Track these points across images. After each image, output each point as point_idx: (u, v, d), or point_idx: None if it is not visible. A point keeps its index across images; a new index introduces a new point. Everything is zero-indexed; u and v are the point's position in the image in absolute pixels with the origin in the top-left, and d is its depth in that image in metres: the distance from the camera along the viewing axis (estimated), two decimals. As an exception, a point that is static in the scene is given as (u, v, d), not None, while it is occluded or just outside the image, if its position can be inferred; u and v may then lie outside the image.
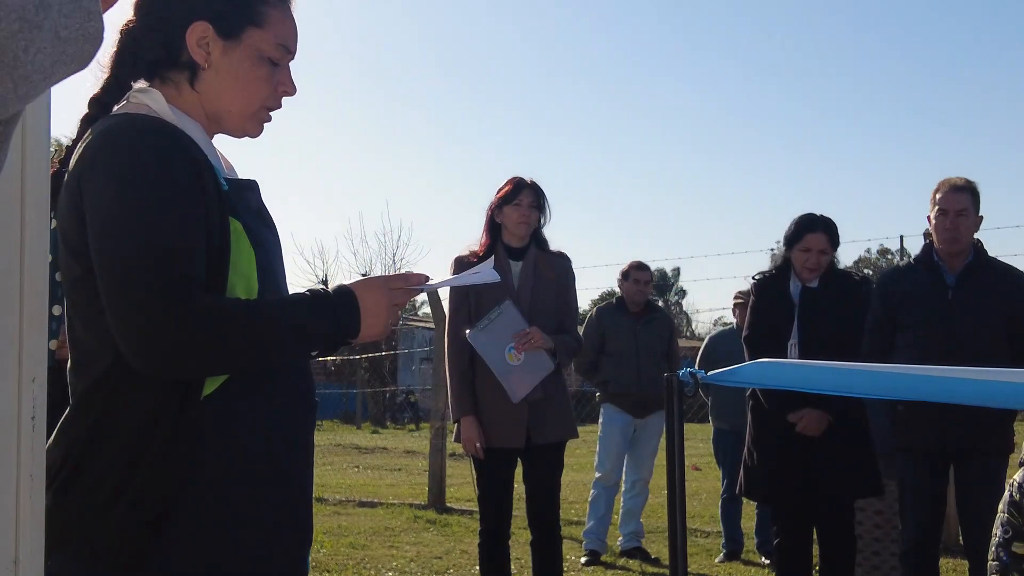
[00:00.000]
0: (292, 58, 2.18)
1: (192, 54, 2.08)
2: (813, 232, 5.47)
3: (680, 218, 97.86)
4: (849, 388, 2.63)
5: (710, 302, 69.80)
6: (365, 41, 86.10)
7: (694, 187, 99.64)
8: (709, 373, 2.55)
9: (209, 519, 1.96)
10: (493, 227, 5.41)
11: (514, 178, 5.40)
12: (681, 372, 2.52)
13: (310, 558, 2.24)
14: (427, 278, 2.18)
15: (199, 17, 2.08)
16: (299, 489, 2.14)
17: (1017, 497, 3.34)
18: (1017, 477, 3.39)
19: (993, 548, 3.36)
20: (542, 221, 5.43)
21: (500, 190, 5.39)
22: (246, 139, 2.21)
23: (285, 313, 2.01)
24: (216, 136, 2.19)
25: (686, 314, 64.17)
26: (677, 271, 65.01)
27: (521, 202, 5.32)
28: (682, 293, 65.82)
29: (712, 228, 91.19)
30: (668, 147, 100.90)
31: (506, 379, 5.20)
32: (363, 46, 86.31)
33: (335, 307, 2.05)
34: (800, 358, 5.24)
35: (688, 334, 53.31)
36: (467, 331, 5.28)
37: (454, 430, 5.46)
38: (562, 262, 5.51)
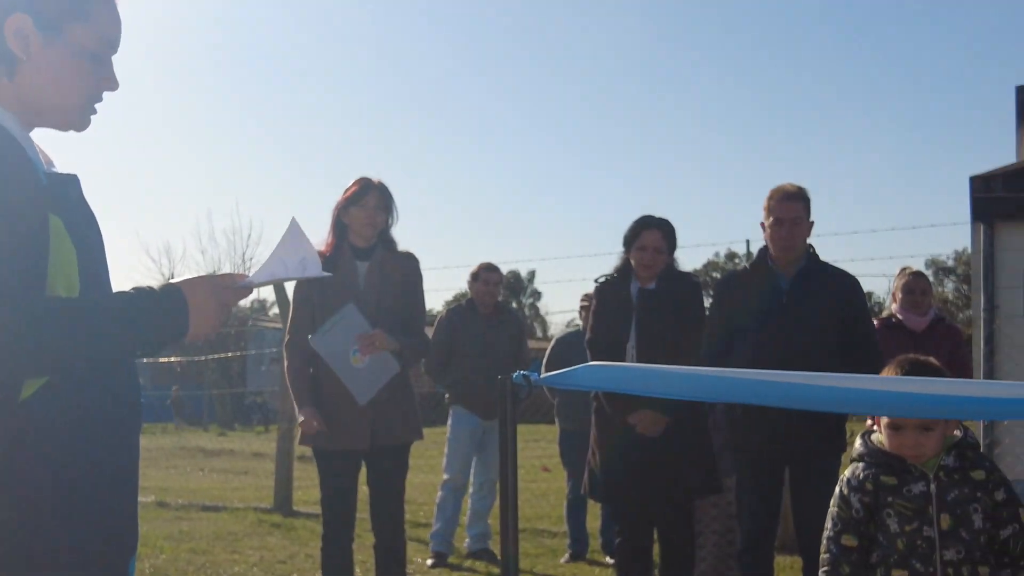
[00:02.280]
0: (115, 53, 2.15)
1: (10, 45, 2.03)
2: (649, 230, 5.56)
3: (537, 220, 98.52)
4: (680, 391, 2.66)
5: (567, 304, 70.56)
6: (213, 34, 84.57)
7: (553, 189, 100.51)
8: (542, 376, 2.56)
9: (25, 522, 1.90)
10: (339, 227, 5.35)
11: (361, 179, 5.35)
12: (515, 374, 2.52)
13: (148, 564, 2.18)
14: (247, 278, 2.16)
15: (19, 9, 2.03)
16: (121, 494, 2.09)
17: (846, 492, 3.44)
18: (847, 473, 3.50)
19: (824, 541, 3.46)
20: (389, 222, 5.40)
21: (347, 190, 5.34)
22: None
23: (109, 311, 1.96)
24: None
25: (541, 316, 64.73)
26: (533, 273, 65.53)
27: (367, 203, 5.27)
28: (538, 295, 66.39)
29: (569, 230, 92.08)
30: (527, 148, 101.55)
31: (351, 382, 5.16)
32: (211, 39, 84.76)
33: (162, 304, 2.01)
34: (638, 360, 5.33)
35: (541, 336, 53.76)
36: (310, 336, 5.23)
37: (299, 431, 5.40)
38: (409, 263, 5.45)
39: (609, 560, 7.90)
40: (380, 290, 5.29)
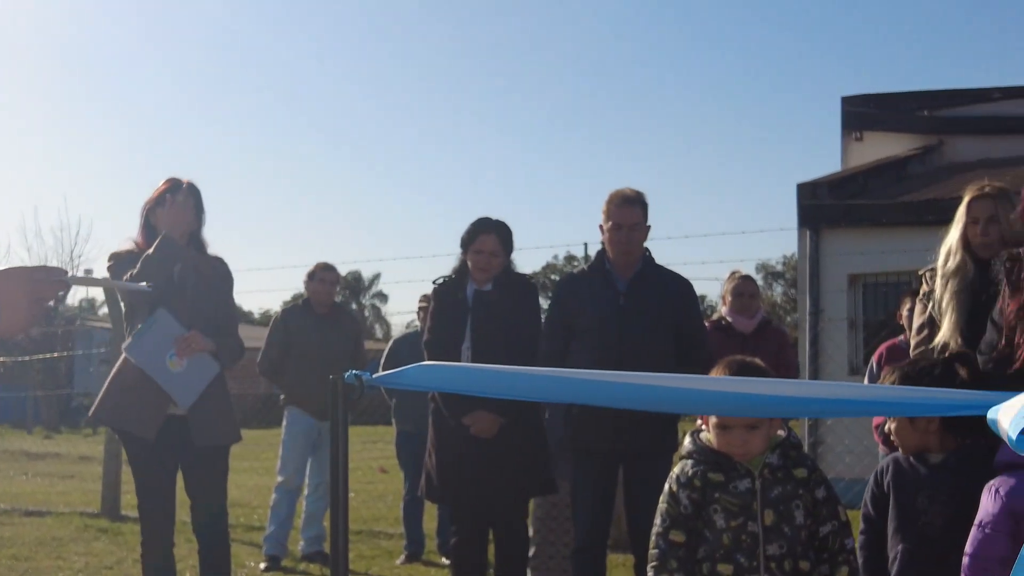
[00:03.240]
0: None
1: None
2: (485, 234, 5.58)
3: (381, 221, 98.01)
4: (511, 391, 2.67)
5: (411, 305, 70.15)
6: (43, 30, 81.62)
7: (398, 189, 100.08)
8: (374, 376, 2.53)
9: None
10: (148, 228, 5.26)
11: (170, 179, 5.31)
12: (347, 374, 2.50)
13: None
14: (66, 272, 2.07)
15: None
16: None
17: (675, 488, 3.51)
18: (676, 470, 3.57)
19: (653, 537, 3.52)
20: (199, 222, 5.33)
21: (156, 190, 5.27)
22: None
23: None
24: None
25: (384, 318, 64.27)
26: (377, 276, 65.01)
27: (176, 201, 5.22)
28: (382, 297, 65.81)
29: (414, 231, 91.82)
30: (372, 149, 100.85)
31: (172, 387, 5.06)
32: (41, 35, 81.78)
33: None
34: (473, 361, 5.34)
35: (381, 337, 53.45)
36: (123, 345, 5.13)
37: None
38: (220, 266, 5.44)
39: (445, 561, 7.89)
40: (194, 291, 5.21)
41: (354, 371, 2.51)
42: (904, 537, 3.57)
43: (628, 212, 5.38)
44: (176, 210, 5.20)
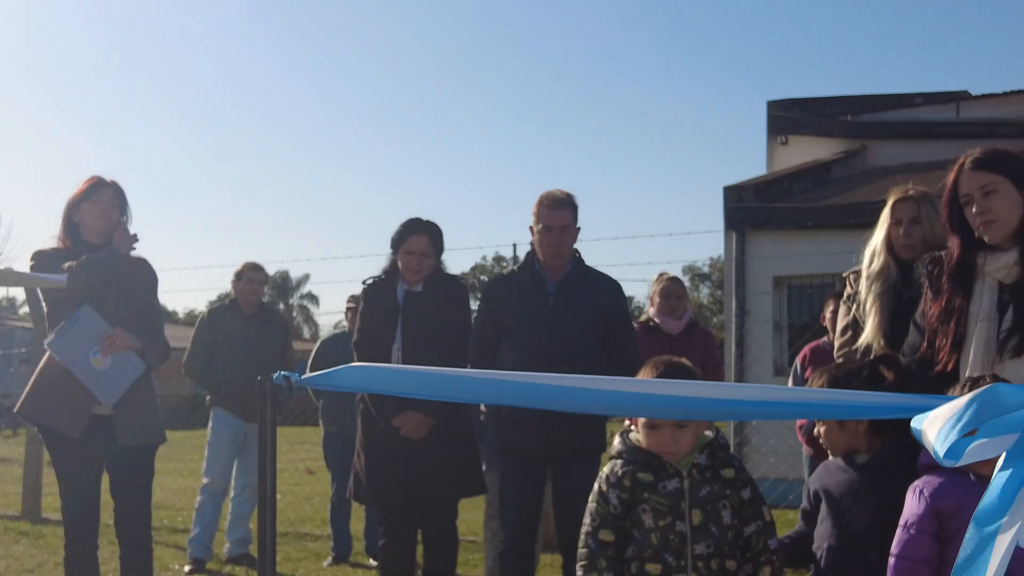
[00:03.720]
0: None
1: None
2: (416, 235, 5.56)
3: (311, 220, 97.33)
4: (441, 392, 2.66)
5: (340, 305, 69.65)
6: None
7: (328, 188, 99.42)
8: (302, 377, 2.52)
9: None
10: (71, 226, 5.22)
11: (94, 176, 5.28)
12: (275, 375, 2.47)
13: None
14: None
15: None
16: None
17: (605, 488, 3.53)
18: (605, 469, 3.58)
19: (583, 536, 3.53)
20: (124, 220, 5.27)
21: (79, 188, 5.23)
22: None
23: None
24: None
25: (313, 319, 63.77)
26: (307, 276, 64.46)
27: (100, 199, 5.18)
28: (312, 298, 65.26)
29: (344, 231, 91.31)
30: (304, 149, 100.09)
31: (95, 385, 4.99)
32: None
33: None
34: (403, 362, 5.32)
35: (309, 338, 53.07)
36: (45, 341, 5.06)
37: None
38: (144, 265, 5.41)
39: (372, 562, 7.87)
40: (119, 291, 5.16)
41: (282, 372, 2.49)
42: (829, 535, 3.62)
43: (559, 215, 5.38)
44: (100, 209, 5.15)
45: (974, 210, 3.52)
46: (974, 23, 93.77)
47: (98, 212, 5.15)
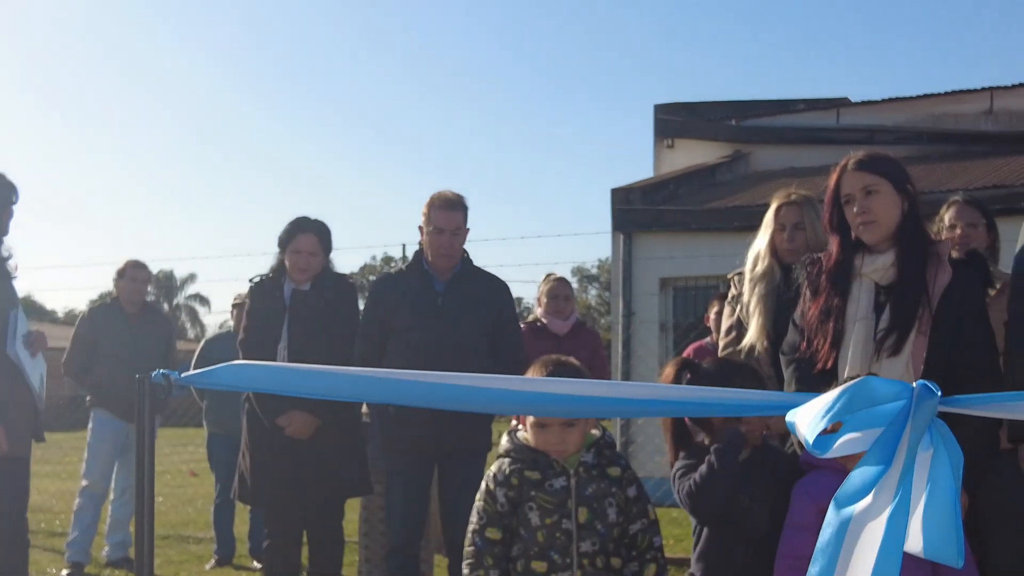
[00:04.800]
0: None
1: None
2: (304, 234, 5.51)
3: (197, 218, 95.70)
4: (326, 391, 2.64)
5: (226, 304, 68.43)
6: None
7: (215, 184, 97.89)
8: (183, 375, 2.47)
9: None
10: None
11: None
12: (155, 373, 2.42)
13: None
14: None
15: None
16: None
17: (492, 486, 3.53)
18: (493, 468, 3.59)
19: (469, 535, 3.54)
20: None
21: None
22: None
23: None
24: None
25: (200, 320, 62.64)
26: (193, 275, 63.25)
27: None
28: (201, 299, 64.01)
29: (234, 229, 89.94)
30: (193, 143, 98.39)
31: (38, 382, 4.92)
32: None
33: None
34: (289, 361, 5.27)
35: (193, 337, 52.20)
36: (7, 348, 4.96)
37: None
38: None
39: (256, 564, 7.78)
40: (9, 288, 5.07)
41: (162, 371, 2.44)
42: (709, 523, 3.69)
43: (451, 216, 5.36)
44: None
45: (855, 210, 3.61)
46: (854, 32, 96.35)
47: None
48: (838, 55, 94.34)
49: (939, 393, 2.03)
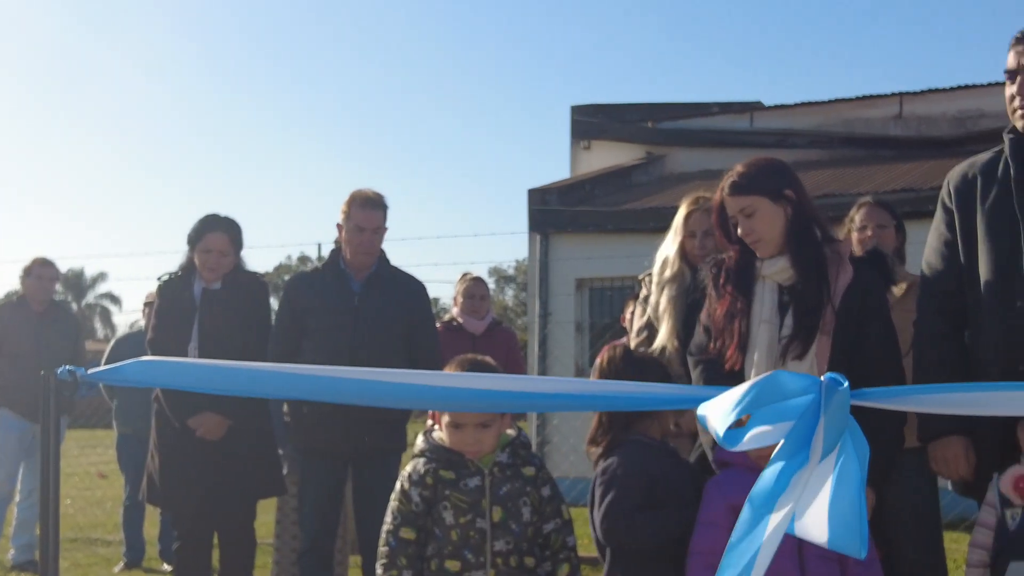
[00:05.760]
0: None
1: None
2: (213, 232, 5.44)
3: (106, 215, 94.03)
4: (237, 387, 2.60)
5: (137, 304, 67.21)
6: None
7: (125, 181, 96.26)
8: (90, 371, 2.42)
9: None
10: None
11: None
12: (60, 370, 2.37)
13: None
14: None
15: None
16: None
17: (407, 486, 3.52)
18: (408, 468, 3.58)
19: (383, 535, 3.52)
20: None
21: None
22: None
23: None
24: None
25: (111, 318, 61.56)
26: (103, 274, 62.10)
27: None
28: (112, 298, 62.87)
29: (148, 226, 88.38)
30: (103, 138, 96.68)
31: None
32: None
33: None
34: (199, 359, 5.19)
35: (102, 337, 51.33)
36: None
37: None
38: None
39: (167, 567, 7.68)
40: None
41: (67, 367, 2.38)
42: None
43: (371, 215, 5.32)
44: None
45: (741, 232, 3.68)
46: (768, 37, 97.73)
47: None
48: (752, 60, 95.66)
49: (846, 384, 2.06)
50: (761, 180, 3.68)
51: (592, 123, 16.83)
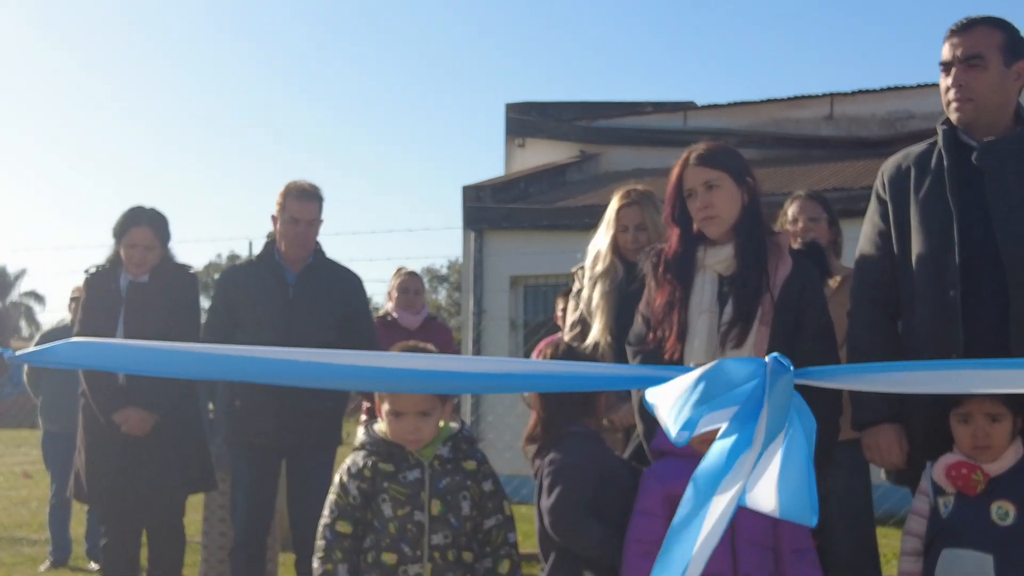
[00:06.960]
0: None
1: None
2: (138, 227, 5.35)
3: (28, 209, 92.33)
4: (168, 369, 2.53)
5: (63, 301, 65.99)
6: None
7: (49, 175, 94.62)
8: (18, 353, 2.35)
9: None
10: None
11: None
12: (-15, 358, 2.30)
13: None
14: None
15: None
16: None
17: (345, 479, 3.49)
18: (347, 461, 3.55)
19: (320, 528, 3.49)
20: None
21: None
22: None
23: None
24: None
25: (35, 316, 60.55)
26: (24, 271, 61.03)
27: None
28: (36, 297, 61.80)
29: (72, 220, 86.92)
30: (29, 131, 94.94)
31: None
32: None
33: None
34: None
35: (27, 336, 50.51)
36: None
37: None
38: None
39: (94, 565, 7.56)
40: None
41: (-1, 350, 2.31)
42: None
43: (307, 207, 5.29)
44: None
45: (697, 204, 3.66)
46: (702, 37, 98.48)
47: None
48: (686, 59, 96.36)
49: (790, 366, 2.06)
50: (729, 159, 3.71)
51: (527, 121, 16.85)
